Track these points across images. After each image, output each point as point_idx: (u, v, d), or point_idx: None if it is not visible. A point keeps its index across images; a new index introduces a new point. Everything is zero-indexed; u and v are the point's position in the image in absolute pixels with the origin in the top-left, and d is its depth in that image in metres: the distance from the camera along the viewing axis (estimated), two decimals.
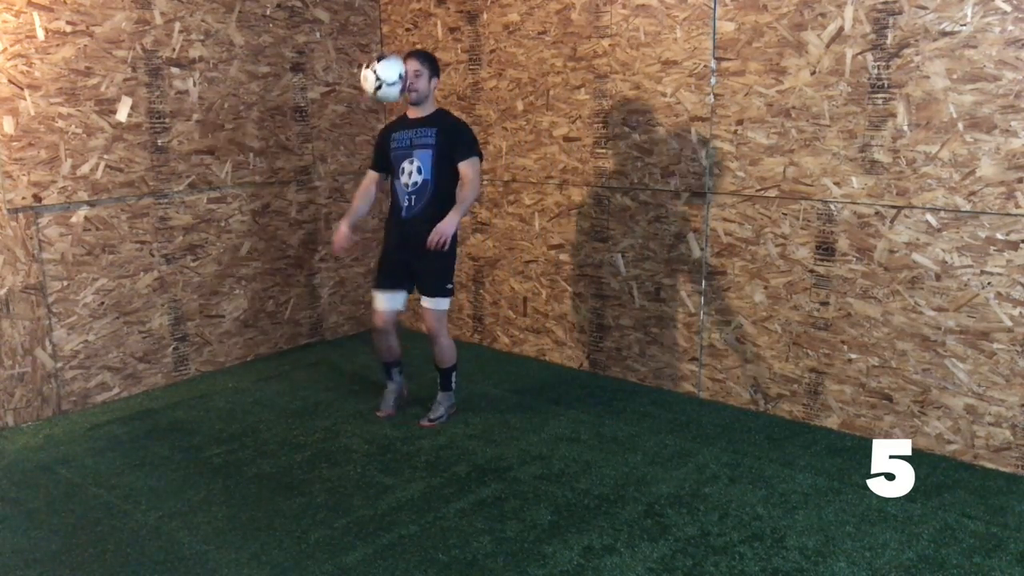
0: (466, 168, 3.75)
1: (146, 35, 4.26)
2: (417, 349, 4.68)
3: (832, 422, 3.83)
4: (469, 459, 3.60)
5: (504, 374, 4.68)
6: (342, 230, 3.92)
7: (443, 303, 3.87)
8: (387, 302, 3.90)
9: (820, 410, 3.86)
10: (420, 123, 3.81)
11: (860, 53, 3.48)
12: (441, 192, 3.79)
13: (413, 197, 3.78)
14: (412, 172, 3.77)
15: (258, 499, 3.28)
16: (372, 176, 4.02)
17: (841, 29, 3.51)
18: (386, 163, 3.90)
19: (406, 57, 3.79)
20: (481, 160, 3.85)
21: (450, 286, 3.88)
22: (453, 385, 4.06)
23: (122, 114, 4.22)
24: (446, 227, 3.62)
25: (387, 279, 3.91)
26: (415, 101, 3.80)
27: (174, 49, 4.38)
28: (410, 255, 3.82)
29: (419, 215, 3.78)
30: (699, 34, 3.92)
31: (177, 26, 4.38)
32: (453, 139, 3.77)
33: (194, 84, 4.48)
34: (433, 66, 3.82)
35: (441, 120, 3.83)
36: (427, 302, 3.85)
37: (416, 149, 3.78)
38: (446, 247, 3.65)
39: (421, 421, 3.98)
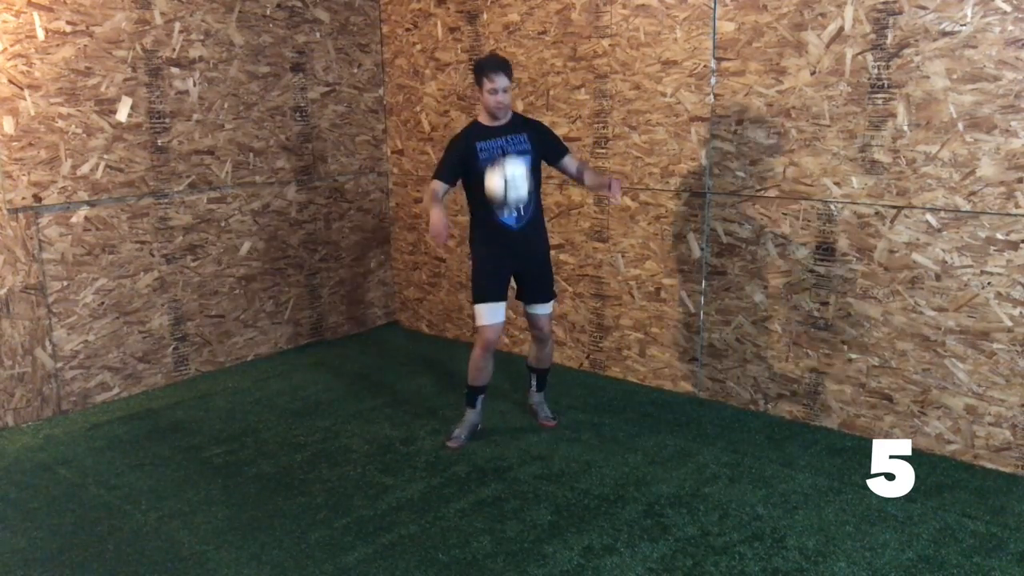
0: (573, 158, 3.71)
1: (146, 35, 4.26)
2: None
3: (832, 422, 3.83)
4: (469, 459, 3.60)
5: (504, 374, 4.67)
6: (439, 216, 3.37)
7: (553, 305, 3.86)
8: (495, 315, 3.63)
9: (820, 410, 3.86)
10: (508, 130, 3.56)
11: (860, 53, 3.48)
12: (537, 194, 3.66)
13: (522, 208, 3.55)
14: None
15: (258, 499, 3.28)
16: (441, 187, 3.54)
17: (841, 29, 3.51)
18: (464, 175, 3.59)
19: (492, 73, 3.45)
20: None
21: (555, 288, 3.93)
22: (548, 383, 4.09)
23: (122, 114, 4.22)
24: (619, 192, 3.47)
25: (493, 289, 3.64)
26: (503, 116, 3.56)
27: (174, 49, 4.38)
28: (520, 264, 3.69)
29: (529, 222, 3.61)
30: (699, 34, 3.92)
31: (177, 26, 4.38)
32: (546, 139, 3.66)
33: (194, 84, 4.48)
34: (512, 73, 3.55)
35: (524, 123, 3.64)
36: (543, 308, 3.76)
37: (511, 156, 3.46)
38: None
39: (544, 422, 3.94)
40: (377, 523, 3.07)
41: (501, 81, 3.46)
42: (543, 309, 3.77)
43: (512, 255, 3.65)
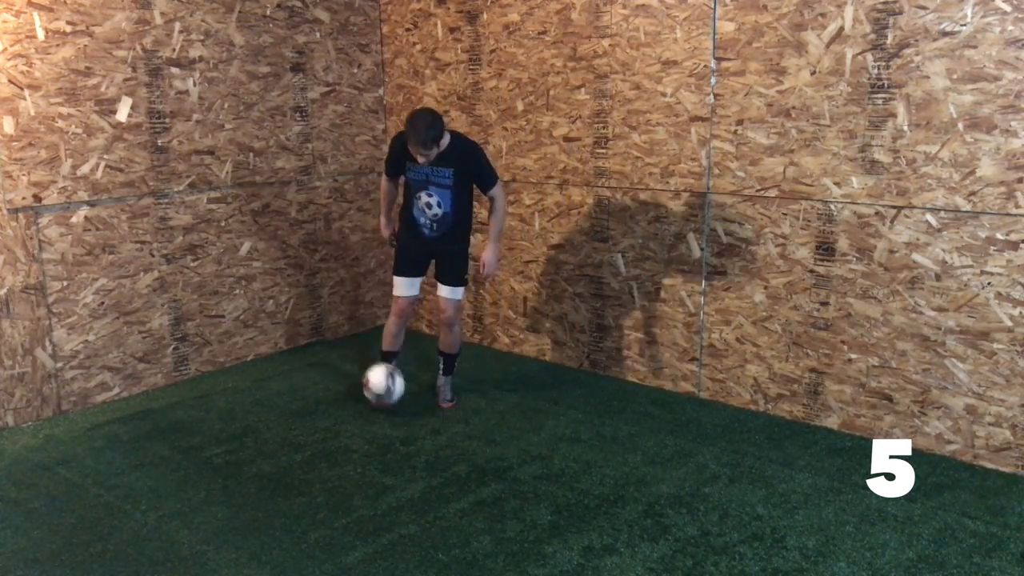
0: (494, 195, 3.92)
1: (146, 35, 4.26)
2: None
3: (832, 422, 3.83)
4: (469, 459, 3.60)
5: (504, 374, 4.68)
6: (383, 224, 4.21)
7: (460, 292, 4.06)
8: (408, 288, 4.08)
9: (820, 410, 3.86)
10: (436, 162, 3.75)
11: (860, 53, 3.48)
12: (460, 216, 3.95)
13: (435, 224, 3.93)
14: (432, 205, 3.88)
15: (258, 499, 3.28)
16: (390, 181, 4.10)
17: (841, 29, 3.51)
18: (401, 171, 3.98)
19: (412, 145, 3.62)
20: (499, 180, 3.94)
21: (466, 276, 4.10)
22: (455, 369, 4.29)
23: (122, 114, 4.22)
24: (494, 261, 3.96)
25: (408, 267, 4.08)
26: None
27: (174, 49, 4.38)
28: (432, 251, 4.05)
29: (441, 236, 3.97)
30: (699, 34, 3.92)
31: (177, 26, 4.37)
32: (472, 172, 3.85)
33: (194, 84, 4.48)
34: (441, 129, 3.65)
35: (455, 155, 3.76)
36: (447, 291, 4.02)
37: (433, 186, 3.86)
38: (496, 275, 4.13)
39: (442, 404, 4.20)
40: (377, 523, 3.07)
41: (421, 149, 3.64)
42: (445, 292, 4.02)
43: (427, 248, 4.03)
